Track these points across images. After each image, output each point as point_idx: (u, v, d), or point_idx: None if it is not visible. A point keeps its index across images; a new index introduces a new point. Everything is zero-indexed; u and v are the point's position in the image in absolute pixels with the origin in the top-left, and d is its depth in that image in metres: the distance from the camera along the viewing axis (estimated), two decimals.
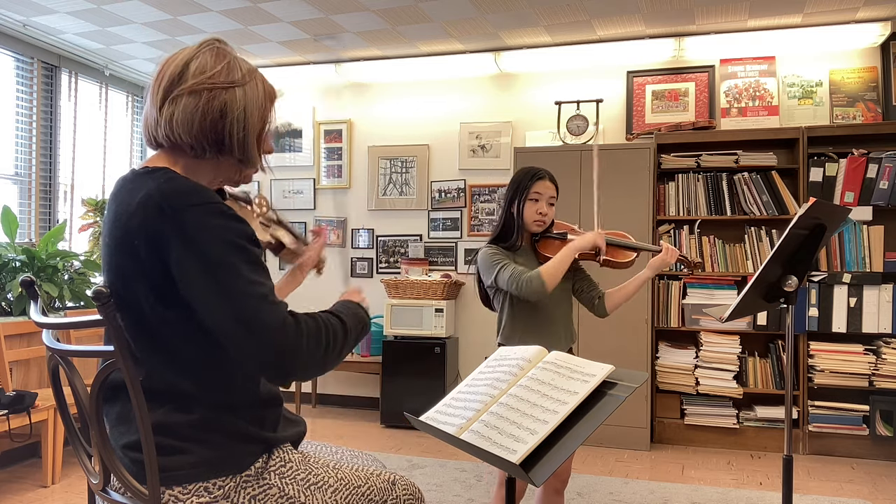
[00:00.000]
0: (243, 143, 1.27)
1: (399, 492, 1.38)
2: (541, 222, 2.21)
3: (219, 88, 1.24)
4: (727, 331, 4.21)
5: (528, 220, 2.21)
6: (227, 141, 1.25)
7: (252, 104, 1.28)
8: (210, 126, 1.23)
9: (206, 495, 1.18)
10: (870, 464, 3.93)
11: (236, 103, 1.25)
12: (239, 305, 1.11)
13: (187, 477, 1.18)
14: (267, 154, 1.37)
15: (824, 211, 1.79)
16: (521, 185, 2.21)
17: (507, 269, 2.10)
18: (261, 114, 1.30)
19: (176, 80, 1.24)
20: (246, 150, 1.29)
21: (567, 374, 1.28)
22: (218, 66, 1.25)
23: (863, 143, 4.16)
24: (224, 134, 1.25)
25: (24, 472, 3.62)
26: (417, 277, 4.76)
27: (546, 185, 2.22)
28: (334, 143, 5.34)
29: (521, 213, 2.21)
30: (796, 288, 1.85)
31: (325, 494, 1.28)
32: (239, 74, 1.27)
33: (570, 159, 4.32)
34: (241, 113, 1.26)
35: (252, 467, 1.23)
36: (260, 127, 1.30)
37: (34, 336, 3.74)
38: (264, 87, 1.33)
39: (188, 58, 1.25)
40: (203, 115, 1.22)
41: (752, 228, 4.27)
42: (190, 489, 1.18)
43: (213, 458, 1.19)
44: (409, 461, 3.87)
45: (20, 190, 4.60)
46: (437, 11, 4.12)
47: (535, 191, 2.20)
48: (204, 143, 1.24)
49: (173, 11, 4.17)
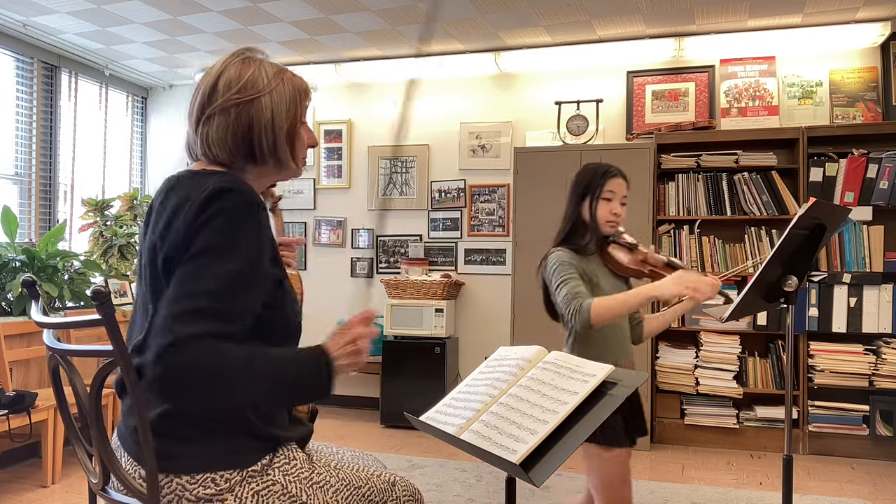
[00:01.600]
0: (274, 150, 1.31)
1: (399, 492, 1.39)
2: (614, 223, 2.07)
3: (245, 102, 1.28)
4: (727, 331, 4.21)
5: (601, 221, 2.05)
6: (259, 152, 1.30)
7: (280, 108, 1.31)
8: (242, 141, 1.28)
9: (213, 486, 1.19)
10: (870, 464, 3.93)
11: (263, 113, 1.28)
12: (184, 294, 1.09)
13: (196, 467, 1.19)
14: (311, 147, 1.42)
15: (824, 211, 1.79)
16: (593, 183, 2.06)
17: (565, 287, 1.93)
18: (290, 114, 1.33)
19: (207, 99, 1.29)
20: (278, 155, 1.32)
21: (567, 374, 1.28)
22: (244, 78, 1.29)
23: (863, 143, 4.15)
24: (255, 146, 1.29)
25: (24, 472, 3.62)
26: (417, 277, 4.76)
27: (619, 182, 2.07)
28: (334, 143, 5.34)
29: (594, 214, 2.05)
30: (796, 288, 1.85)
31: (327, 495, 1.29)
32: (264, 81, 1.30)
33: (571, 159, 4.32)
34: (269, 121, 1.29)
35: (258, 463, 1.24)
36: (289, 127, 1.33)
37: (34, 336, 3.74)
38: (293, 85, 1.34)
39: (217, 74, 1.30)
40: (234, 132, 1.27)
41: (752, 228, 4.27)
42: (198, 479, 1.19)
43: (223, 451, 1.21)
44: (409, 461, 3.87)
45: (20, 190, 4.60)
46: (438, 11, 4.12)
47: (608, 189, 2.05)
48: (238, 157, 1.29)
49: (173, 11, 4.17)
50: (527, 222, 4.42)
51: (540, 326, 4.39)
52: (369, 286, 5.23)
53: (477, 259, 5.01)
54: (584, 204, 2.08)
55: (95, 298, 1.10)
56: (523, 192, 4.44)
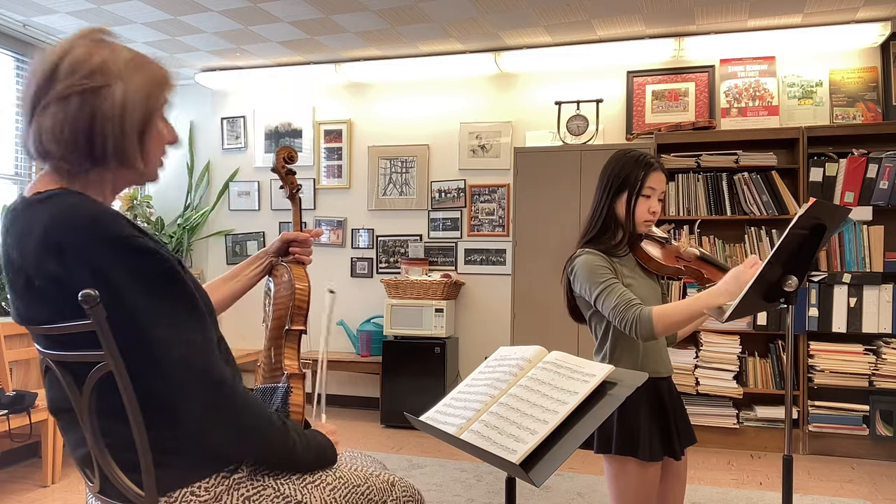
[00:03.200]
0: (119, 149, 1.12)
1: (398, 493, 1.37)
2: (651, 222, 1.86)
3: (90, 90, 1.09)
4: (727, 331, 4.21)
5: (639, 220, 1.84)
6: (100, 150, 1.10)
7: (133, 98, 1.11)
8: (81, 135, 1.09)
9: (195, 499, 1.14)
10: (870, 464, 3.93)
11: (110, 102, 1.09)
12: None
13: (169, 485, 1.13)
14: (170, 144, 1.22)
15: (824, 211, 1.79)
16: (633, 176, 1.82)
17: (613, 297, 1.72)
18: (143, 106, 1.13)
19: (44, 84, 1.09)
20: (124, 155, 1.13)
21: (567, 374, 1.28)
22: (92, 61, 1.10)
23: (863, 143, 4.15)
24: (95, 141, 1.10)
25: (24, 472, 3.62)
26: (417, 277, 4.76)
27: (661, 177, 1.84)
28: (334, 143, 5.34)
29: (632, 211, 1.83)
30: (796, 288, 1.84)
31: (324, 493, 1.26)
32: (118, 66, 1.11)
33: (570, 159, 4.32)
34: (118, 114, 1.10)
35: (244, 468, 1.21)
36: (141, 122, 1.14)
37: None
38: (150, 73, 1.15)
39: (61, 54, 1.10)
40: (73, 124, 1.08)
41: (752, 228, 4.27)
42: (175, 496, 1.13)
43: (193, 463, 1.16)
44: (409, 461, 3.87)
45: (20, 190, 4.60)
46: (437, 11, 4.12)
47: (649, 185, 1.82)
48: (75, 155, 1.10)
49: (173, 11, 4.17)
50: (527, 222, 4.42)
51: (540, 326, 4.39)
52: (369, 286, 5.23)
53: (477, 259, 5.01)
54: (621, 199, 1.84)
55: (85, 302, 1.02)
56: (523, 192, 4.45)
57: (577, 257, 1.85)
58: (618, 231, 1.86)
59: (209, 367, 1.10)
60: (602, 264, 1.79)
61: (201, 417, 1.10)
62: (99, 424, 1.13)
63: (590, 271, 1.78)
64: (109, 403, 1.11)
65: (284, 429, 1.22)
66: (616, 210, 1.86)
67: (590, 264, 1.79)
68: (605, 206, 1.86)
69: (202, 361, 1.10)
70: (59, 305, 1.08)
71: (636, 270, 1.89)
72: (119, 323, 1.06)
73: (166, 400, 1.09)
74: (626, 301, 1.70)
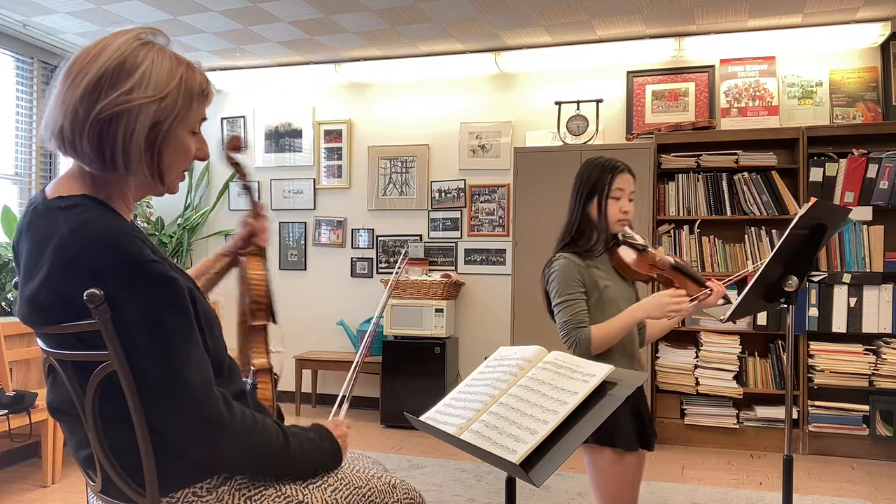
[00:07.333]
0: (148, 163, 1.13)
1: (399, 495, 1.37)
2: (625, 221, 1.99)
3: (129, 105, 1.09)
4: (727, 331, 4.21)
5: (612, 221, 1.98)
6: (126, 161, 1.11)
7: (165, 114, 1.12)
8: (114, 144, 1.10)
9: (196, 500, 1.14)
10: (870, 464, 3.93)
11: (146, 116, 1.10)
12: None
13: (171, 485, 1.13)
14: (199, 160, 1.24)
15: (825, 211, 1.79)
16: (601, 181, 1.97)
17: (568, 312, 1.89)
18: (174, 123, 1.14)
19: (92, 89, 1.09)
20: (150, 168, 1.14)
21: (567, 373, 1.28)
22: (135, 73, 1.10)
23: (863, 143, 4.15)
24: (126, 154, 1.11)
25: (24, 472, 3.62)
26: (417, 277, 4.76)
27: (627, 178, 1.99)
28: (334, 143, 5.34)
29: (604, 213, 1.97)
30: (796, 288, 1.85)
31: (325, 493, 1.27)
32: (157, 79, 1.12)
33: (570, 159, 4.32)
34: (147, 129, 1.11)
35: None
36: (169, 138, 1.14)
37: (34, 336, 3.73)
38: (188, 88, 1.15)
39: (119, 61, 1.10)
40: (110, 134, 1.09)
41: (752, 228, 4.26)
42: (177, 497, 1.14)
43: (195, 464, 1.15)
44: (409, 461, 3.87)
45: (20, 190, 4.60)
46: (437, 11, 4.12)
47: (617, 186, 1.97)
48: (102, 163, 1.11)
49: (173, 11, 4.17)
50: (527, 222, 4.42)
51: (540, 326, 4.39)
52: (370, 286, 5.23)
53: (477, 259, 5.01)
54: (592, 203, 1.99)
55: (90, 301, 1.03)
56: (523, 192, 4.44)
57: (554, 261, 1.98)
58: (593, 234, 2.00)
59: (205, 408, 1.10)
60: (575, 276, 1.92)
61: (202, 461, 1.14)
62: (102, 425, 1.13)
63: (561, 280, 1.93)
64: (113, 405, 1.12)
65: (286, 446, 1.22)
66: (590, 214, 2.00)
67: (564, 274, 1.93)
68: (578, 212, 2.01)
69: (192, 398, 1.09)
70: (60, 318, 1.09)
71: (612, 273, 2.01)
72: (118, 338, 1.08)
73: (160, 425, 1.11)
74: (575, 322, 1.88)
